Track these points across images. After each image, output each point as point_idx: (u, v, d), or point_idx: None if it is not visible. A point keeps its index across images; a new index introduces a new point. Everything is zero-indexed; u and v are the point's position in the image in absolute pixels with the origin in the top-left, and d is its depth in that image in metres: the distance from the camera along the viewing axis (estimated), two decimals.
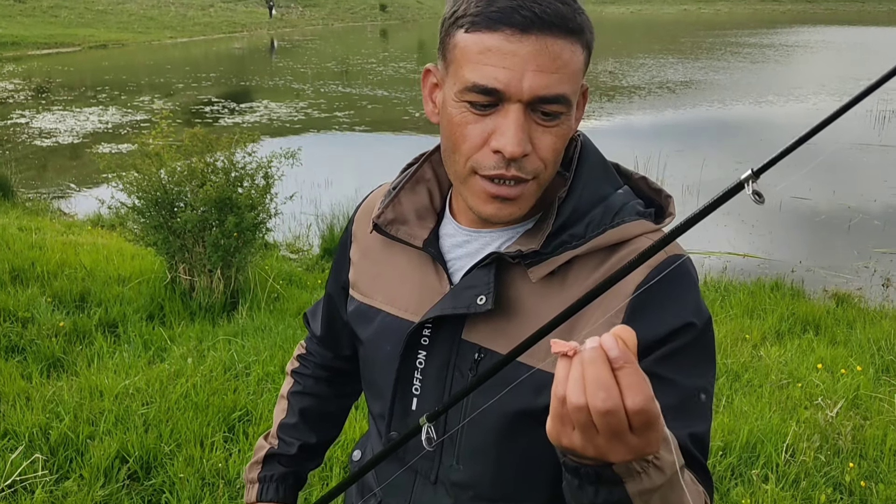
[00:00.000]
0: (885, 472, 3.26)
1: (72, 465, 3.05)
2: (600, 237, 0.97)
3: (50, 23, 34.14)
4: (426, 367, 1.07)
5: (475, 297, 0.99)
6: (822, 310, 5.52)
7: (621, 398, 0.67)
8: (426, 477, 1.10)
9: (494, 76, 0.90)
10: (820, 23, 46.59)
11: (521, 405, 0.99)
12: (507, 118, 0.92)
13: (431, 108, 1.04)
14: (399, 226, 1.10)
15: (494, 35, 0.90)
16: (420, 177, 1.13)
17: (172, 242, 4.82)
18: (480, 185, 0.96)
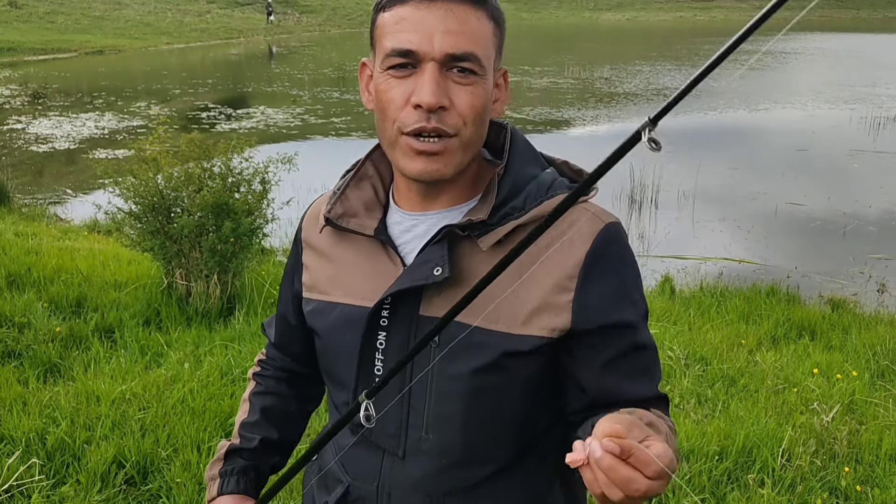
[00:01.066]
0: (880, 477, 3.27)
1: (68, 470, 3.05)
2: (538, 208, 1.07)
3: (46, 28, 34.13)
4: (387, 347, 1.12)
5: (431, 270, 1.06)
6: (818, 315, 5.54)
7: (643, 476, 0.80)
8: (394, 454, 1.14)
9: (408, 39, 1.01)
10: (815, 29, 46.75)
11: (481, 363, 1.07)
12: (423, 75, 1.02)
13: (368, 97, 1.14)
14: (349, 218, 1.17)
15: (406, 6, 1.03)
16: (363, 174, 1.22)
17: (169, 248, 4.82)
18: (406, 143, 1.05)
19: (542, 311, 1.07)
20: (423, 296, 1.09)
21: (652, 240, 8.12)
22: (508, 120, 1.22)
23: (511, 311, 1.07)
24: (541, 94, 19.14)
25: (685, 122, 15.46)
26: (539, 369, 1.10)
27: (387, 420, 1.11)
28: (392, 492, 1.15)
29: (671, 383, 4.12)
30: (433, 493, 1.13)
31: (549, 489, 1.18)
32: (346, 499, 1.20)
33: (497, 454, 1.14)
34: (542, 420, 1.16)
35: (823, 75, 23.97)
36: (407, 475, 1.14)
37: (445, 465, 1.12)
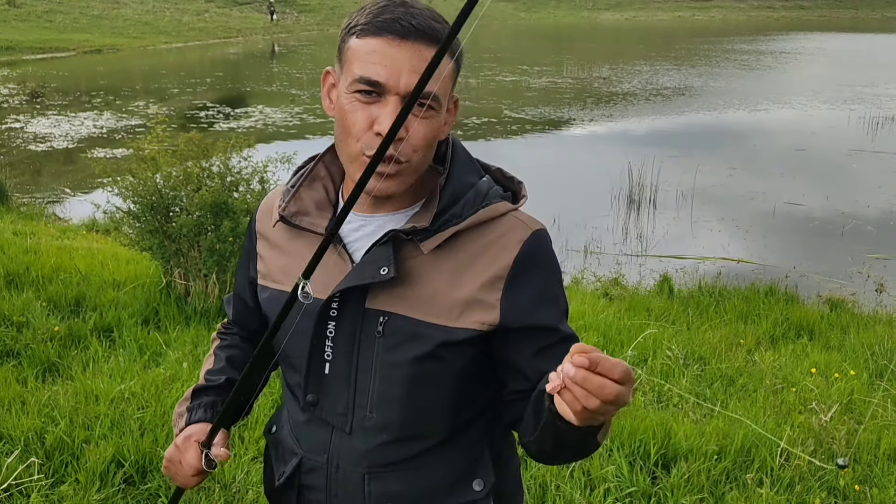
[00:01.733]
0: (878, 477, 3.27)
1: (67, 470, 3.04)
2: (475, 215, 1.21)
3: (45, 27, 34.09)
4: (336, 336, 1.25)
5: (378, 269, 1.19)
6: (817, 315, 5.55)
7: (612, 381, 0.92)
8: (342, 430, 1.28)
9: (377, 72, 1.12)
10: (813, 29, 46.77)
11: (421, 352, 1.21)
12: (386, 107, 1.13)
13: (328, 104, 1.25)
14: (302, 216, 1.28)
15: (379, 40, 1.13)
16: (315, 175, 1.33)
17: (168, 247, 4.82)
18: (365, 163, 1.13)
19: (474, 307, 1.21)
20: (369, 291, 1.22)
21: (650, 239, 8.12)
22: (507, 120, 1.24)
23: (447, 307, 1.20)
24: (539, 94, 19.14)
25: (684, 122, 15.47)
26: (470, 359, 1.24)
27: (335, 400, 1.27)
28: (340, 463, 1.29)
29: (670, 383, 4.12)
30: (375, 464, 1.28)
31: (480, 458, 1.32)
32: (300, 469, 1.34)
33: (432, 431, 1.28)
34: (472, 402, 1.31)
35: (822, 75, 23.99)
36: (353, 449, 1.28)
37: (387, 441, 1.27)
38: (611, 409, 0.94)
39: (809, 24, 53.31)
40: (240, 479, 3.05)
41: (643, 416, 3.59)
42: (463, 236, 1.21)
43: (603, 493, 3.05)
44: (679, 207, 9.24)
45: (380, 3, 1.16)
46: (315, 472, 1.32)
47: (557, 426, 1.03)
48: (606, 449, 3.32)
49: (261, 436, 3.33)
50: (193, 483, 1.37)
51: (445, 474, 1.30)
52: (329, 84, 1.24)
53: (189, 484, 1.38)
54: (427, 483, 1.29)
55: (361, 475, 1.28)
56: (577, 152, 12.98)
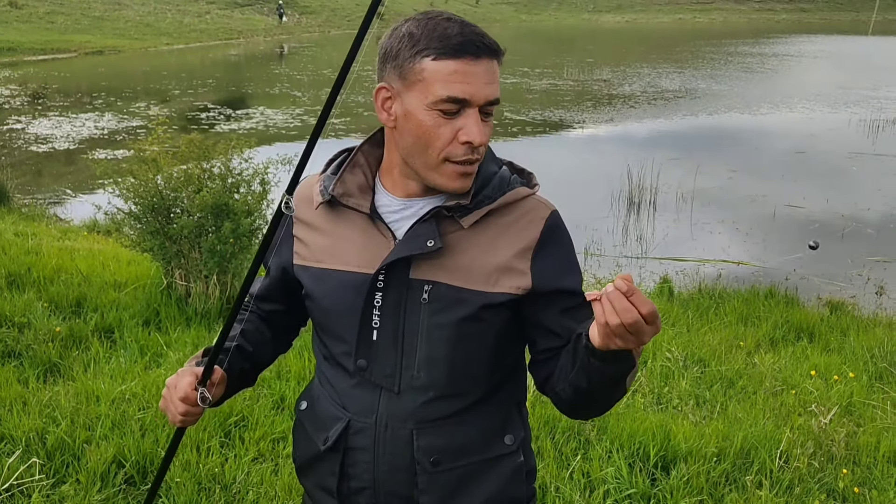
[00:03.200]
0: (878, 479, 3.28)
1: (68, 470, 3.05)
2: (504, 196, 1.38)
3: (46, 29, 34.11)
4: (383, 305, 1.38)
5: (425, 242, 1.34)
6: (816, 317, 5.55)
7: (638, 312, 1.11)
8: (390, 390, 1.40)
9: (463, 90, 1.27)
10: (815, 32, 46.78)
11: (464, 314, 1.35)
12: (471, 118, 1.29)
13: (386, 116, 1.35)
14: (348, 198, 1.41)
15: (458, 61, 1.27)
16: (356, 162, 1.45)
17: (168, 248, 4.83)
18: (452, 169, 1.32)
19: (508, 273, 1.36)
20: (412, 263, 1.36)
21: (650, 241, 8.13)
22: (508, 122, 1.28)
23: (484, 275, 1.36)
24: (540, 96, 19.15)
25: (684, 125, 15.48)
26: (507, 320, 1.40)
27: (384, 363, 1.39)
28: (388, 422, 1.40)
29: (669, 385, 4.13)
30: (422, 420, 1.39)
31: (510, 414, 1.49)
32: (347, 431, 1.43)
33: (474, 388, 1.42)
34: (507, 361, 1.46)
35: (822, 78, 23.98)
36: (402, 407, 1.40)
37: (433, 398, 1.39)
38: (629, 338, 1.12)
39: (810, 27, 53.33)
40: (240, 480, 3.06)
41: (643, 417, 3.60)
42: (493, 214, 1.37)
43: (602, 494, 3.06)
44: (679, 210, 9.24)
45: (437, 24, 1.29)
46: (363, 433, 1.42)
47: (591, 363, 1.22)
48: (606, 450, 3.33)
49: (260, 437, 3.34)
50: (181, 415, 1.42)
51: (482, 429, 1.43)
52: (383, 98, 1.35)
53: (177, 415, 1.42)
54: (467, 437, 1.42)
55: (410, 431, 1.39)
56: (578, 154, 12.99)
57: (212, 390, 1.43)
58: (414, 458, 1.39)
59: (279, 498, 2.98)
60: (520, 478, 1.47)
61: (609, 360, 1.20)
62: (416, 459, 1.39)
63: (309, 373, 3.99)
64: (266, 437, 3.36)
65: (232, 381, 1.51)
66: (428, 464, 1.40)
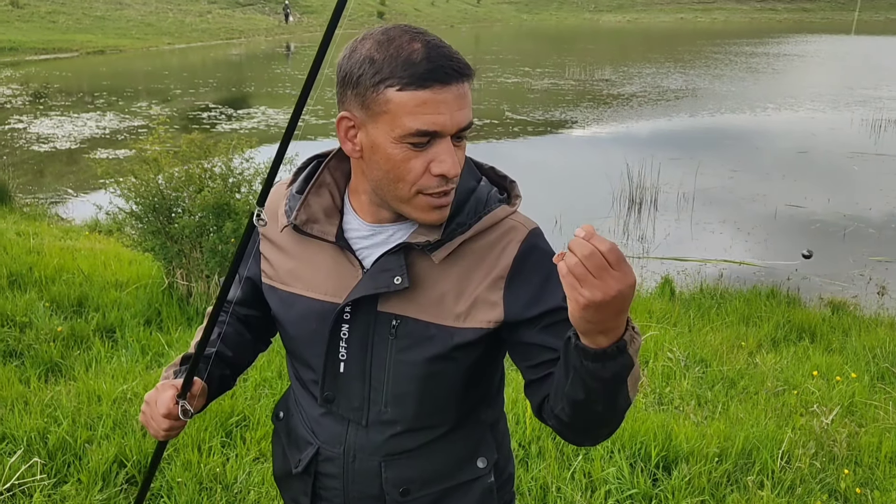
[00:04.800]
0: (880, 479, 3.27)
1: (70, 470, 3.05)
2: (479, 223, 1.28)
3: (48, 28, 34.13)
4: (350, 337, 1.32)
5: (392, 278, 1.26)
6: (818, 317, 5.55)
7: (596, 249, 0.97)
8: (358, 423, 1.36)
9: (433, 121, 1.16)
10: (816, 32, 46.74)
11: (432, 353, 1.28)
12: (443, 148, 1.18)
13: (351, 147, 1.26)
14: (312, 224, 1.33)
15: (426, 91, 1.15)
16: (322, 181, 1.36)
17: (170, 248, 4.83)
18: (426, 202, 1.22)
19: (479, 307, 1.28)
20: (381, 295, 1.29)
21: (652, 241, 8.13)
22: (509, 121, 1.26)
23: (455, 309, 1.28)
24: (541, 96, 19.15)
25: (685, 124, 15.47)
26: (479, 355, 1.33)
27: (351, 396, 1.35)
28: (356, 454, 1.38)
29: (671, 385, 4.12)
30: (390, 453, 1.36)
31: (483, 437, 1.43)
32: (317, 458, 1.42)
33: (441, 422, 1.37)
34: (477, 394, 1.40)
35: (824, 78, 23.97)
36: (369, 440, 1.36)
37: (399, 432, 1.35)
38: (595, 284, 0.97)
39: (812, 27, 53.29)
40: (241, 480, 3.06)
41: (644, 417, 3.60)
42: (468, 241, 1.29)
43: (604, 494, 3.06)
44: (680, 209, 9.24)
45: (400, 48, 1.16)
46: (332, 462, 1.40)
47: (584, 365, 1.08)
48: (607, 451, 3.33)
49: (262, 437, 3.34)
50: (164, 430, 1.38)
51: (454, 456, 1.40)
52: (346, 127, 1.25)
53: (160, 430, 1.38)
54: (438, 465, 1.39)
55: (378, 463, 1.37)
56: (579, 154, 12.99)
57: (192, 402, 1.38)
58: (383, 488, 1.38)
59: (280, 498, 2.97)
60: (490, 498, 1.43)
61: (601, 356, 1.07)
62: (384, 490, 1.38)
63: None
64: (267, 436, 3.36)
65: (212, 389, 1.48)
66: (397, 494, 1.37)
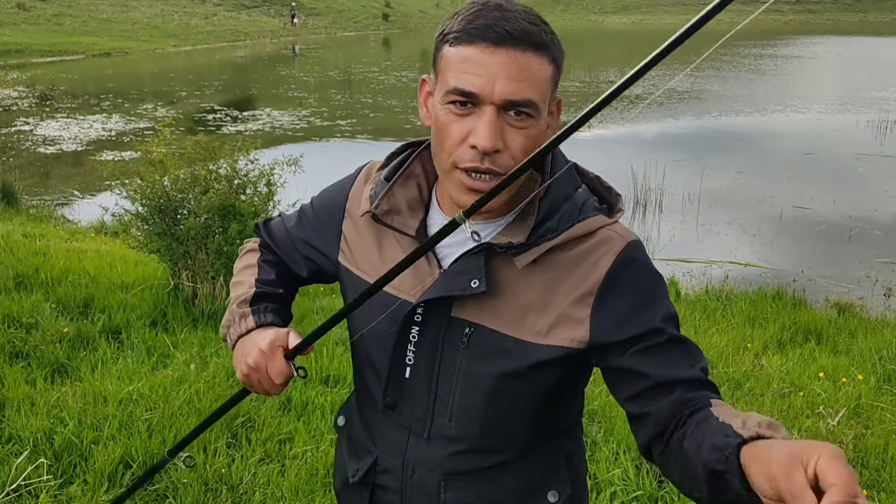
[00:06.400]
0: (886, 482, 3.26)
1: (76, 470, 3.06)
2: (570, 230, 1.15)
3: (54, 31, 34.25)
4: (419, 341, 1.22)
5: (469, 281, 1.15)
6: (824, 319, 5.53)
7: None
8: (419, 434, 1.26)
9: (471, 81, 1.06)
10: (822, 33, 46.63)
11: (506, 368, 1.17)
12: (482, 118, 1.07)
13: (425, 113, 1.19)
14: (394, 216, 1.24)
15: (472, 48, 1.06)
16: (411, 172, 1.27)
17: (175, 249, 4.84)
18: (459, 178, 1.11)
19: (563, 323, 1.15)
20: (456, 299, 1.18)
21: (657, 243, 8.11)
22: None
23: (536, 323, 1.16)
24: None
25: (691, 126, 15.45)
26: (557, 378, 1.19)
27: (414, 405, 1.25)
28: (416, 468, 1.28)
29: None
30: (451, 472, 1.26)
31: (558, 468, 1.30)
32: (375, 468, 1.33)
33: (508, 446, 1.25)
34: (554, 420, 1.27)
35: (830, 79, 23.91)
36: (430, 455, 1.26)
37: (462, 451, 1.24)
38: None
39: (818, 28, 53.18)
40: (247, 481, 3.06)
41: None
42: (557, 250, 1.16)
43: (609, 496, 3.05)
44: (686, 211, 9.22)
45: (473, 8, 1.09)
46: (390, 474, 1.31)
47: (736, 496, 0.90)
48: (613, 452, 3.32)
49: (267, 438, 3.34)
50: (277, 391, 1.27)
51: (521, 484, 1.28)
52: (425, 93, 1.19)
53: (272, 391, 1.27)
54: (503, 493, 1.27)
55: (437, 482, 1.27)
56: (584, 155, 12.81)
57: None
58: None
59: (286, 499, 2.98)
60: None
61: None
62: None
63: (317, 374, 3.99)
64: (273, 437, 3.36)
65: None
66: None
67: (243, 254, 1.49)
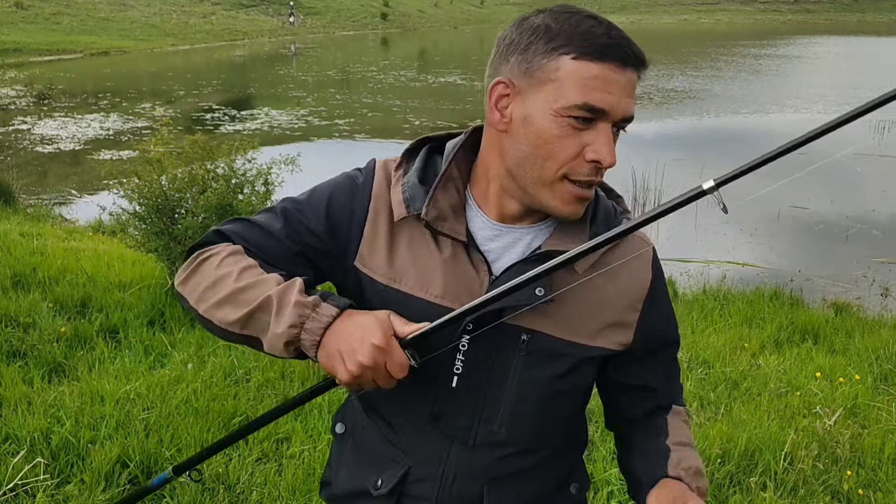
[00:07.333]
0: (883, 481, 3.27)
1: (73, 470, 3.06)
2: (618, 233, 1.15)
3: (52, 30, 34.21)
4: (469, 349, 1.19)
5: (533, 289, 1.14)
6: (821, 319, 5.54)
7: None
8: (463, 443, 1.23)
9: (603, 99, 1.07)
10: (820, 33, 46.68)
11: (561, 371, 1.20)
12: (604, 134, 1.10)
13: (499, 117, 1.14)
14: (442, 222, 1.18)
15: (602, 66, 1.07)
16: (449, 176, 1.22)
17: (173, 249, 4.84)
18: (569, 189, 1.12)
19: (614, 327, 1.22)
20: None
21: (655, 242, 8.08)
22: None
23: (590, 326, 1.20)
24: None
25: (689, 125, 15.46)
26: (594, 375, 1.28)
27: (460, 414, 1.22)
28: (458, 476, 1.24)
29: None
30: (496, 477, 1.25)
31: (578, 462, 1.40)
32: (406, 478, 1.26)
33: (550, 444, 1.29)
34: (582, 417, 1.37)
35: (828, 79, 23.94)
36: (475, 462, 1.24)
37: (508, 454, 1.24)
38: None
39: (816, 28, 53.23)
40: (244, 480, 3.06)
41: None
42: (604, 254, 1.20)
43: (606, 495, 3.06)
44: (683, 211, 9.18)
45: (580, 21, 1.09)
46: (425, 483, 1.26)
47: None
48: (610, 452, 3.32)
49: (264, 437, 3.34)
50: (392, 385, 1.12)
51: (552, 480, 1.33)
52: (500, 94, 1.14)
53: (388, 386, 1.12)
54: (538, 490, 1.31)
55: (481, 486, 1.25)
56: None
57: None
58: None
59: (283, 498, 2.98)
60: None
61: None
62: None
63: (313, 374, 3.99)
64: (270, 437, 3.36)
65: None
66: None
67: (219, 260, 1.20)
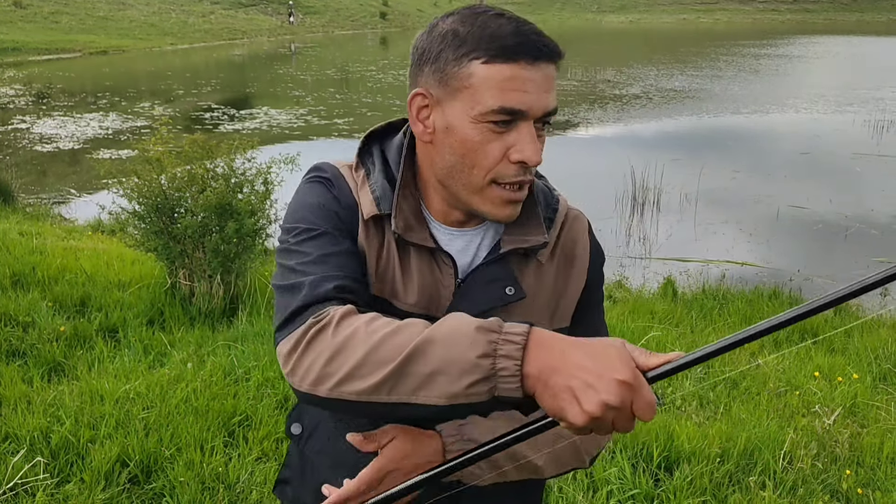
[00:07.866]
0: (881, 480, 3.27)
1: (73, 469, 3.06)
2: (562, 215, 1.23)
3: (51, 29, 34.18)
4: None
5: (503, 289, 1.15)
6: (820, 318, 5.53)
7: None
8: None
9: (519, 100, 1.05)
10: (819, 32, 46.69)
11: None
12: (526, 133, 1.07)
13: (422, 129, 1.14)
14: (411, 233, 1.17)
15: (513, 66, 1.05)
16: (406, 182, 1.20)
17: (172, 248, 4.84)
18: (498, 194, 1.11)
19: (567, 303, 1.23)
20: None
21: (654, 242, 8.12)
22: None
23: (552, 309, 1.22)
24: None
25: (688, 125, 15.46)
26: None
27: None
28: None
29: (673, 386, 4.12)
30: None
31: None
32: None
33: None
34: None
35: (827, 78, 23.95)
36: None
37: None
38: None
39: (815, 28, 53.25)
40: (244, 480, 3.06)
41: None
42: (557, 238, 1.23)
43: (605, 495, 3.06)
44: (683, 210, 9.23)
45: (487, 21, 1.08)
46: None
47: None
48: (609, 451, 3.33)
49: (264, 436, 3.34)
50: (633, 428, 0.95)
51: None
52: (419, 106, 1.13)
53: (629, 430, 0.93)
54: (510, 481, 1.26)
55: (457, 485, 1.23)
56: (582, 154, 12.98)
57: None
58: None
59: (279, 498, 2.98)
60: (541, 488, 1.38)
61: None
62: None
63: None
64: (270, 436, 3.36)
65: None
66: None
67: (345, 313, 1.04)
